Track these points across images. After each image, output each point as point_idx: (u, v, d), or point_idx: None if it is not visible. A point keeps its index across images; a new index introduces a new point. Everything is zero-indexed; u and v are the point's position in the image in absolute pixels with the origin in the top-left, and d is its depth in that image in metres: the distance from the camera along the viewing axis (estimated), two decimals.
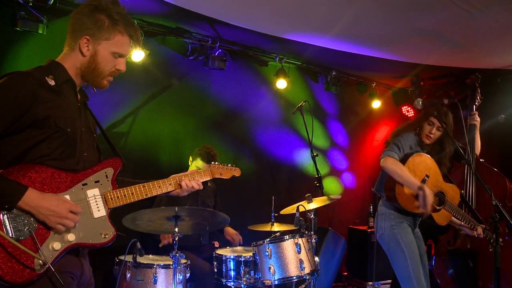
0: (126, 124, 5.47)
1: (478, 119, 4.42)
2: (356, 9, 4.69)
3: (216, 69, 5.97)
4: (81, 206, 2.16)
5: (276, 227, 4.78)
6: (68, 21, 2.33)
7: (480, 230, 3.97)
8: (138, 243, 3.70)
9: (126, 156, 2.43)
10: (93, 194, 2.24)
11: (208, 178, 2.81)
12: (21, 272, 1.97)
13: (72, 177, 2.18)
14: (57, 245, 2.06)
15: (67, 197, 2.14)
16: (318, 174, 4.72)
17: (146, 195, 2.44)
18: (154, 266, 3.94)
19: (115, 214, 2.36)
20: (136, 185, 2.42)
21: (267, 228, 4.81)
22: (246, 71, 6.61)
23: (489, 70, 6.58)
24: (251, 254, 4.29)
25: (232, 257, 4.38)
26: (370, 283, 6.32)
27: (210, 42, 5.83)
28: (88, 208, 2.21)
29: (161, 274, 3.95)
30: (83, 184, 2.21)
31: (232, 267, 4.37)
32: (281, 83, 6.50)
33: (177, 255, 3.78)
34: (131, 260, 3.91)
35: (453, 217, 3.97)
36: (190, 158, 5.08)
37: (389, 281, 6.03)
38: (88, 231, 2.18)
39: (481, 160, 4.71)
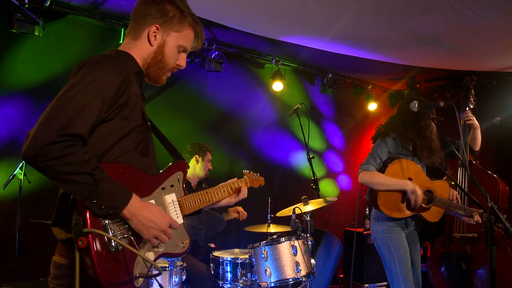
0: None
1: (472, 117, 4.39)
2: (352, 12, 4.70)
3: (213, 71, 5.98)
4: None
5: (273, 228, 4.78)
6: (64, 23, 2.31)
7: (477, 217, 3.96)
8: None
9: None
10: (172, 199, 2.13)
11: (247, 187, 2.76)
12: (122, 286, 1.81)
13: (151, 180, 2.05)
14: (151, 255, 1.94)
15: (152, 202, 2.00)
16: (314, 176, 4.72)
17: (209, 201, 2.38)
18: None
19: None
20: (200, 192, 2.34)
21: (263, 229, 4.82)
22: (243, 73, 6.62)
23: (484, 72, 6.61)
24: (247, 256, 4.29)
25: (228, 259, 4.39)
26: (366, 285, 6.33)
27: (206, 45, 5.84)
28: (169, 215, 2.07)
29: (157, 277, 3.94)
30: (162, 189, 2.10)
31: (228, 269, 4.37)
32: (278, 86, 6.51)
33: None
34: None
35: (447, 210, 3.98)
36: (197, 157, 5.07)
37: (385, 283, 6.04)
38: (171, 240, 2.01)
39: (474, 162, 4.72)
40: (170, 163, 2.23)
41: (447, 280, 5.22)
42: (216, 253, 4.58)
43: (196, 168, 5.07)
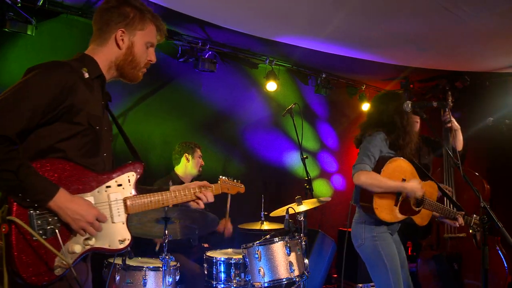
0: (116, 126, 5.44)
1: (452, 119, 4.37)
2: (345, 12, 4.71)
3: (206, 71, 5.97)
4: (103, 211, 2.11)
5: (266, 226, 4.78)
6: (57, 23, 2.33)
7: (460, 219, 3.91)
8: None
9: (115, 158, 2.40)
10: (116, 198, 2.19)
11: (218, 193, 2.75)
12: (40, 274, 1.91)
13: (96, 178, 2.13)
14: (77, 248, 2.01)
15: (91, 199, 2.09)
16: (308, 177, 4.73)
17: (162, 204, 2.40)
18: (144, 268, 3.92)
19: None
20: (154, 193, 2.37)
21: (257, 226, 4.82)
22: (236, 73, 6.62)
23: (477, 73, 6.64)
24: (241, 256, 4.29)
25: (222, 259, 4.38)
26: (360, 285, 6.33)
27: (200, 44, 5.83)
28: (110, 212, 2.16)
29: (151, 277, 3.93)
30: (107, 187, 2.17)
31: (222, 269, 4.36)
32: (271, 86, 6.51)
33: (167, 257, 3.77)
34: (121, 263, 3.89)
35: (434, 213, 3.93)
36: (186, 155, 5.07)
37: None
38: (106, 236, 2.13)
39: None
40: (124, 164, 2.28)
41: (440, 282, 5.24)
42: (209, 253, 4.57)
43: (187, 166, 5.07)
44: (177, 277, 4.11)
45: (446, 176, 4.59)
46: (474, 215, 3.92)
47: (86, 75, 2.13)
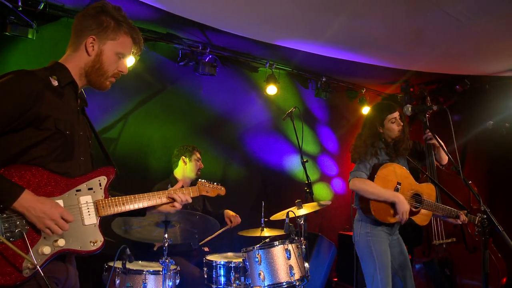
0: (116, 130, 5.45)
1: (432, 136, 4.35)
2: (346, 16, 4.72)
3: (207, 75, 5.98)
4: (73, 214, 2.15)
5: (266, 233, 4.77)
6: (58, 26, 2.36)
7: (463, 217, 3.96)
8: (128, 249, 3.68)
9: (115, 162, 2.44)
10: (86, 201, 2.23)
11: (196, 195, 2.81)
12: (8, 275, 1.95)
13: (66, 182, 2.18)
14: (46, 250, 2.05)
15: (60, 202, 2.13)
16: (308, 180, 4.73)
17: (136, 204, 2.44)
18: (144, 272, 3.92)
19: (106, 220, 2.35)
20: (127, 196, 2.42)
21: (257, 233, 4.81)
22: (237, 77, 6.63)
23: (477, 76, 6.64)
24: (241, 260, 4.28)
25: (222, 263, 4.38)
26: None
27: (200, 48, 5.84)
28: (80, 214, 2.20)
29: (151, 281, 3.93)
30: (77, 190, 2.22)
31: (222, 273, 4.36)
32: (271, 89, 6.51)
33: (167, 261, 3.77)
34: (121, 267, 3.89)
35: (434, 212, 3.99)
36: (184, 158, 5.07)
37: None
38: (77, 238, 2.17)
39: (441, 167, 4.72)
40: (96, 169, 2.33)
41: (433, 287, 5.26)
42: (209, 257, 4.57)
43: (185, 170, 5.07)
44: (177, 281, 4.11)
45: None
46: (479, 214, 3.95)
47: (55, 83, 2.19)
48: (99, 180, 2.30)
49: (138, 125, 5.65)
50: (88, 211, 2.23)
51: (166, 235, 3.77)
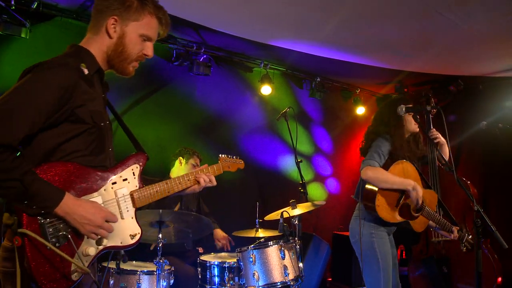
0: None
1: (438, 134, 4.37)
2: (340, 16, 4.72)
3: (201, 75, 5.97)
4: (112, 209, 2.09)
5: (261, 233, 4.77)
6: (52, 26, 2.30)
7: (455, 232, 3.97)
8: (122, 250, 3.67)
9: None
10: (123, 193, 2.17)
11: (220, 173, 2.73)
12: (57, 281, 1.90)
13: (102, 175, 2.10)
14: (91, 250, 2.00)
15: (99, 198, 2.06)
16: (302, 180, 4.72)
17: (168, 192, 2.38)
18: (138, 272, 3.92)
19: None
20: (159, 183, 2.35)
21: (251, 234, 4.80)
22: (231, 77, 6.62)
23: (471, 77, 6.67)
24: (235, 260, 4.28)
25: (216, 263, 4.37)
26: None
27: (195, 48, 5.83)
28: (119, 208, 2.14)
29: (145, 281, 3.92)
30: (113, 183, 2.14)
31: (216, 273, 4.36)
32: (266, 89, 6.51)
33: (161, 261, 3.76)
34: (115, 267, 3.88)
35: (430, 222, 3.97)
36: (180, 159, 5.07)
37: None
38: (118, 233, 2.12)
39: (441, 166, 4.74)
40: (127, 157, 2.25)
41: (431, 285, 5.27)
42: (203, 257, 4.56)
43: (180, 171, 5.06)
44: (171, 281, 4.10)
45: (433, 182, 4.61)
46: (467, 234, 4.03)
47: (86, 71, 2.06)
48: (132, 169, 2.23)
49: (133, 125, 5.51)
50: (126, 204, 2.17)
51: (160, 235, 3.76)
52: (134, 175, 2.23)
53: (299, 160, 4.79)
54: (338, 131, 7.96)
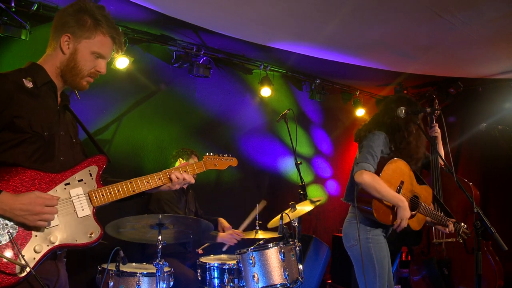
0: (110, 131, 5.44)
1: (439, 130, 4.38)
2: (340, 18, 4.73)
3: (201, 77, 5.97)
4: (65, 208, 2.11)
5: (261, 235, 4.77)
6: (51, 27, 2.31)
7: (451, 226, 3.90)
8: (121, 251, 3.67)
9: (109, 164, 2.39)
10: (77, 193, 2.19)
11: (201, 170, 2.71)
12: (2, 277, 1.92)
13: (53, 177, 2.14)
14: (39, 248, 2.02)
15: None
16: (302, 182, 4.72)
17: (133, 191, 2.39)
18: (137, 274, 3.91)
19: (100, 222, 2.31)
20: (123, 182, 2.37)
21: (251, 235, 4.80)
22: (231, 79, 6.63)
23: (470, 79, 6.68)
24: (235, 262, 4.28)
25: (216, 265, 4.37)
26: None
27: (194, 50, 5.84)
28: (73, 207, 2.16)
29: (144, 283, 3.92)
30: (66, 184, 2.17)
31: (216, 275, 4.35)
32: (266, 91, 6.52)
33: (161, 263, 3.75)
34: (114, 269, 3.87)
35: (427, 218, 3.91)
36: (180, 160, 5.07)
37: None
38: (73, 231, 2.13)
39: (443, 167, 4.74)
40: (83, 160, 2.28)
41: (431, 287, 5.27)
42: (203, 259, 4.56)
43: None
44: (171, 283, 4.09)
45: (435, 183, 4.61)
46: (462, 223, 3.95)
47: (30, 85, 2.15)
48: (89, 171, 2.26)
49: (132, 127, 5.63)
50: (81, 203, 2.19)
51: (160, 237, 3.75)
52: (91, 175, 2.27)
53: (299, 162, 4.80)
54: (338, 133, 7.96)
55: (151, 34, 5.55)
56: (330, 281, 7.04)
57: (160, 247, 3.76)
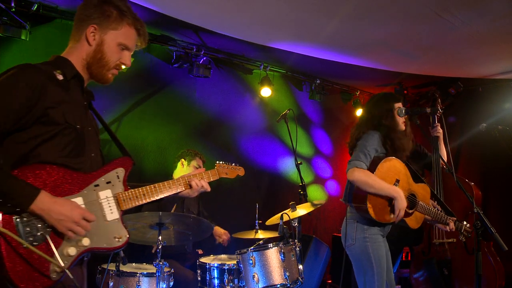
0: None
1: (441, 130, 4.39)
2: (340, 18, 4.73)
3: (201, 77, 5.98)
4: (94, 210, 2.08)
5: (261, 235, 4.77)
6: (52, 28, 2.31)
7: (452, 224, 3.89)
8: (121, 252, 3.67)
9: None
10: (106, 195, 2.16)
11: (216, 178, 2.72)
12: (36, 280, 1.87)
13: (83, 178, 2.10)
14: (72, 251, 1.98)
15: (80, 199, 2.06)
16: (302, 182, 4.72)
17: (157, 195, 2.38)
18: (137, 274, 3.91)
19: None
20: (147, 186, 2.35)
21: (251, 235, 4.80)
22: (231, 79, 6.63)
23: (471, 79, 6.67)
24: (235, 262, 4.27)
25: (215, 265, 4.36)
26: None
27: (194, 50, 5.84)
28: (101, 210, 2.13)
29: (145, 283, 3.92)
30: (95, 185, 2.14)
31: (215, 275, 4.34)
32: (266, 91, 6.52)
33: (161, 263, 3.75)
34: (114, 269, 3.87)
35: (426, 216, 3.89)
36: (182, 161, 5.06)
37: None
38: (102, 235, 2.10)
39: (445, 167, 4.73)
40: (110, 161, 2.26)
41: (431, 286, 5.26)
42: (203, 259, 4.55)
43: (182, 172, 5.05)
44: (171, 283, 4.09)
45: (436, 183, 4.60)
46: (465, 222, 3.93)
47: (60, 77, 2.11)
48: (116, 173, 2.23)
49: (132, 127, 5.63)
50: (110, 206, 2.16)
51: (160, 237, 3.75)
52: (118, 178, 2.24)
53: (299, 162, 4.80)
54: (338, 133, 7.95)
55: (151, 34, 5.55)
56: (330, 281, 7.04)
57: (160, 247, 3.76)
